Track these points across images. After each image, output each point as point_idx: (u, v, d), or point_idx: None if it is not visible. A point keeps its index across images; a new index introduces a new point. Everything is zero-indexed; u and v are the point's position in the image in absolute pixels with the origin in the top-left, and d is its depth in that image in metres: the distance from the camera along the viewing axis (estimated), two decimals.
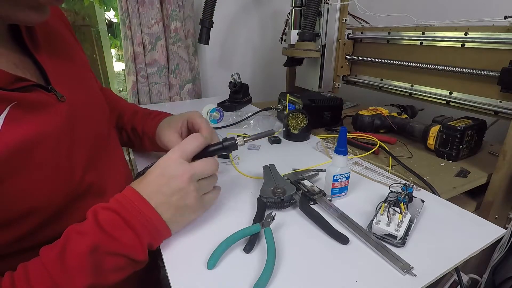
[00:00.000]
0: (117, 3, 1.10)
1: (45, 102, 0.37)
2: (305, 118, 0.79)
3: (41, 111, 0.36)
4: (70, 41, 0.51)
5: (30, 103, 0.35)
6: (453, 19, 0.75)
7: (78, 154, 0.41)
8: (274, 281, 0.36)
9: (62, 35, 0.49)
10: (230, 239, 0.40)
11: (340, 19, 0.98)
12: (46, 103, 0.37)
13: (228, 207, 0.51)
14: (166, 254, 0.40)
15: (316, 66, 1.05)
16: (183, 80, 1.28)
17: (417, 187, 0.55)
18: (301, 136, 0.79)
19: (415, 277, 0.36)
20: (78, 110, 0.43)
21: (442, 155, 0.69)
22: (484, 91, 0.70)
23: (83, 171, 0.42)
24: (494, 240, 0.42)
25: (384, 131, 0.86)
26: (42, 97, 0.37)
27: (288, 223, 0.46)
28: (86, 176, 0.42)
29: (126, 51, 1.17)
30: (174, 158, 0.41)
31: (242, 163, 0.66)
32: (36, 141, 0.34)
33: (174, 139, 0.53)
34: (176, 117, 0.57)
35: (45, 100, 0.37)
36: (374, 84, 0.99)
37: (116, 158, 0.53)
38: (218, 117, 0.92)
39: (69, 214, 0.40)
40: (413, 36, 0.83)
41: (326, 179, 0.51)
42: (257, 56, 1.54)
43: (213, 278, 0.36)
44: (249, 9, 1.43)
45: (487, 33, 0.67)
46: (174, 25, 1.18)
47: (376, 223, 0.43)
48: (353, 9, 0.98)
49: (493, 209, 0.62)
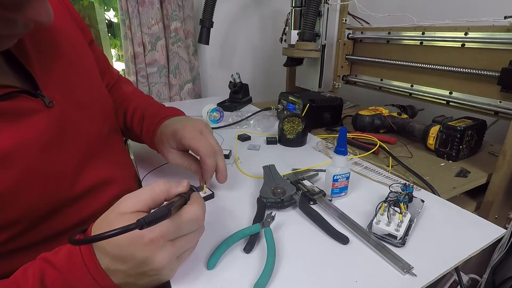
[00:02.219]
0: (117, 3, 1.10)
1: (29, 108, 0.36)
2: (301, 123, 0.76)
3: (24, 119, 0.35)
4: (70, 37, 0.47)
5: (11, 111, 0.34)
6: (453, 19, 0.75)
7: (69, 158, 0.40)
8: (274, 281, 0.36)
9: (60, 33, 0.45)
10: (230, 239, 0.40)
11: (340, 19, 0.98)
12: (31, 110, 0.36)
13: (228, 207, 0.50)
14: None
15: (316, 66, 1.05)
16: (183, 80, 1.28)
17: (417, 187, 0.55)
18: (296, 141, 0.76)
19: (415, 277, 0.36)
20: (70, 113, 0.42)
21: (442, 155, 0.69)
22: (484, 91, 0.70)
23: (75, 175, 0.41)
24: (494, 240, 0.42)
25: (384, 131, 0.86)
26: (27, 104, 0.36)
27: (288, 223, 0.46)
28: (79, 179, 0.41)
29: (126, 51, 1.17)
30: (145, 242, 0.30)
31: (242, 163, 0.66)
32: (17, 151, 0.34)
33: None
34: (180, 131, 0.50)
35: (30, 107, 0.36)
36: (374, 84, 0.99)
37: (116, 156, 0.52)
38: (218, 117, 0.92)
39: (61, 215, 0.40)
40: (413, 36, 0.83)
41: (326, 179, 0.51)
42: (257, 56, 1.53)
43: (213, 278, 0.36)
44: (249, 9, 1.43)
45: (487, 33, 0.67)
46: (174, 25, 1.18)
47: (376, 223, 0.43)
48: (353, 9, 0.98)
49: (493, 209, 0.62)
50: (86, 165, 0.43)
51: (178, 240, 0.32)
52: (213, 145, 0.49)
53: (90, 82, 0.49)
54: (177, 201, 0.33)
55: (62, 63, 0.43)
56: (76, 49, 0.48)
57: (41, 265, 0.31)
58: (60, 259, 0.31)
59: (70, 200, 0.40)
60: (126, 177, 0.53)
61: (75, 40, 0.49)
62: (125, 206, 0.31)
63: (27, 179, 0.35)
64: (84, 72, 0.48)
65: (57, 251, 0.32)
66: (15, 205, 0.34)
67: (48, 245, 0.34)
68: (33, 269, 0.30)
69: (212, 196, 0.53)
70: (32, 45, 0.39)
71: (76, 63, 0.46)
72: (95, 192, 0.44)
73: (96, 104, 0.48)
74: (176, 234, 0.32)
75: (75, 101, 0.43)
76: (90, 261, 0.30)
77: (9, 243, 0.36)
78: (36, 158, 0.36)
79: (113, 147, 0.52)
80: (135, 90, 0.68)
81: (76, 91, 0.44)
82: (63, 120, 0.40)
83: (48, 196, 0.38)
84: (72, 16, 0.51)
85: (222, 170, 0.50)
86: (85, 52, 0.50)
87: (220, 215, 0.48)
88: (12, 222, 0.35)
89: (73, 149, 0.41)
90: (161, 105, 0.62)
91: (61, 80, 0.42)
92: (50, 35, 0.43)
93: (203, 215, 0.35)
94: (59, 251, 0.32)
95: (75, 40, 0.49)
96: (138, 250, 0.29)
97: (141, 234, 0.29)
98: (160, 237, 0.30)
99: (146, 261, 0.30)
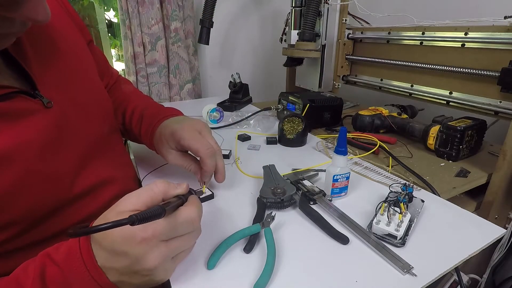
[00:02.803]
0: (117, 3, 1.11)
1: (28, 109, 0.36)
2: (301, 123, 0.76)
3: (22, 119, 0.35)
4: (68, 37, 0.47)
5: (9, 112, 0.34)
6: (453, 19, 0.75)
7: (68, 159, 0.40)
8: (274, 281, 0.36)
9: (58, 32, 0.45)
10: (230, 239, 0.40)
11: (340, 19, 0.98)
12: (29, 110, 0.36)
13: (228, 207, 0.50)
14: None
15: (316, 66, 1.05)
16: (183, 80, 1.28)
17: (417, 187, 0.55)
18: (296, 141, 0.76)
19: (415, 277, 0.36)
20: (69, 114, 0.41)
21: (442, 155, 0.69)
22: (484, 91, 0.70)
23: (74, 175, 0.41)
24: (494, 240, 0.42)
25: (384, 131, 0.86)
26: (25, 104, 0.36)
27: (288, 223, 0.46)
28: (79, 180, 0.41)
29: (126, 51, 1.17)
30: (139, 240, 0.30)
31: (242, 163, 0.66)
32: (15, 151, 0.34)
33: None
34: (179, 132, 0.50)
35: (29, 107, 0.36)
36: (374, 84, 0.99)
37: (116, 156, 0.52)
38: (218, 117, 0.92)
39: (61, 216, 0.40)
40: (413, 36, 0.83)
41: (326, 179, 0.51)
42: (257, 56, 1.53)
43: (213, 278, 0.36)
44: (249, 9, 1.43)
45: (487, 33, 0.67)
46: (174, 25, 1.18)
47: (376, 223, 0.43)
48: (353, 9, 0.98)
49: (493, 209, 0.62)
50: (85, 166, 0.43)
51: (172, 241, 0.32)
52: (212, 146, 0.49)
53: (89, 82, 0.49)
54: (174, 202, 0.33)
55: (60, 63, 0.43)
56: (75, 49, 0.48)
57: (42, 260, 0.31)
58: (60, 255, 0.31)
59: (69, 200, 0.40)
60: (126, 177, 0.53)
61: (74, 40, 0.49)
62: (124, 205, 0.31)
63: (26, 180, 0.35)
64: (82, 72, 0.48)
65: (58, 247, 0.32)
66: (14, 206, 0.34)
67: (47, 245, 0.33)
68: (34, 265, 0.31)
69: (212, 197, 0.53)
70: (30, 45, 0.39)
71: (74, 63, 0.46)
72: (94, 192, 0.44)
73: (95, 104, 0.48)
74: (170, 234, 0.31)
75: (74, 101, 0.43)
76: (87, 257, 0.30)
77: (8, 243, 0.36)
78: (35, 159, 0.36)
79: (113, 148, 0.52)
80: (134, 90, 0.68)
81: (75, 91, 0.44)
82: (62, 120, 0.40)
83: (48, 196, 0.38)
84: (71, 16, 0.51)
85: (221, 170, 0.51)
86: (83, 52, 0.50)
87: (220, 215, 0.48)
88: (11, 223, 0.35)
89: (72, 149, 0.41)
90: (160, 106, 0.62)
91: (60, 80, 0.42)
92: (48, 35, 0.43)
93: (199, 217, 0.34)
94: (60, 247, 0.32)
95: (73, 40, 0.48)
96: (131, 248, 0.29)
97: (133, 232, 0.29)
98: (153, 237, 0.30)
99: (138, 260, 0.30)
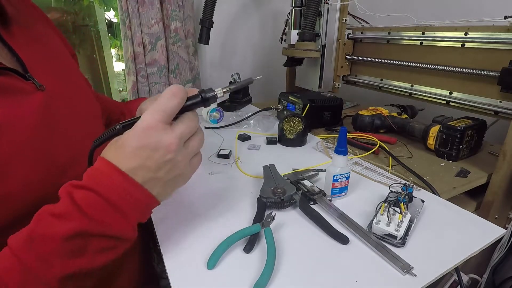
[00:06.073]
0: (117, 3, 1.10)
1: (20, 88, 0.37)
2: (301, 123, 0.76)
3: (16, 97, 0.36)
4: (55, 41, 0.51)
5: (3, 86, 0.35)
6: (453, 19, 0.75)
7: (60, 149, 0.41)
8: (274, 281, 0.36)
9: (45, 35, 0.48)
10: (230, 239, 0.41)
11: (340, 19, 0.98)
12: (22, 90, 0.37)
13: (228, 207, 0.51)
14: (166, 254, 0.40)
15: (316, 66, 1.05)
16: (183, 80, 1.28)
17: (417, 187, 0.55)
18: (296, 141, 0.76)
19: (415, 277, 0.36)
20: (60, 102, 0.42)
21: (442, 155, 0.69)
22: (484, 91, 0.70)
23: (66, 162, 0.41)
24: (494, 240, 0.42)
25: (384, 131, 0.86)
26: (18, 83, 0.37)
27: (288, 223, 0.46)
28: (72, 167, 0.41)
29: (126, 51, 1.17)
30: (154, 124, 0.33)
31: (242, 163, 0.66)
32: (6, 123, 0.34)
33: None
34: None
35: (21, 87, 0.37)
36: (374, 84, 0.99)
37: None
38: (218, 117, 0.92)
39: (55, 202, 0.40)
40: (413, 36, 0.83)
41: (326, 179, 0.51)
42: (257, 56, 1.53)
43: (213, 278, 0.36)
44: (249, 9, 1.42)
45: (487, 33, 0.67)
46: (174, 25, 1.18)
47: (376, 223, 0.43)
48: (353, 9, 0.98)
49: (493, 209, 0.62)
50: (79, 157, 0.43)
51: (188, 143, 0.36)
52: None
53: (75, 78, 0.51)
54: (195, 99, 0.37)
55: (48, 55, 0.46)
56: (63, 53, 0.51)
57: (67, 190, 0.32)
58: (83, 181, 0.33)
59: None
60: None
61: (61, 47, 0.52)
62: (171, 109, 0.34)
63: (19, 154, 0.35)
64: (69, 69, 0.50)
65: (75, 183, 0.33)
66: (10, 176, 0.34)
67: None
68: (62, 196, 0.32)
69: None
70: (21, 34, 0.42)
71: (61, 59, 0.49)
72: None
73: (82, 100, 0.49)
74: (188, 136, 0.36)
75: (62, 91, 0.44)
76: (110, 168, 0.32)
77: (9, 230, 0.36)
78: (27, 134, 0.36)
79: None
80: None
81: (62, 83, 0.45)
82: (53, 106, 0.40)
83: (40, 173, 0.37)
84: (54, 30, 0.54)
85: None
86: (70, 61, 0.53)
87: (220, 214, 0.49)
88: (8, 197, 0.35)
89: (65, 136, 0.42)
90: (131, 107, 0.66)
91: (48, 70, 0.44)
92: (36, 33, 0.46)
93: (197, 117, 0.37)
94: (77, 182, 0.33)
95: (60, 48, 0.52)
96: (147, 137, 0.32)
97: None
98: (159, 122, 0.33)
99: (157, 146, 0.33)
